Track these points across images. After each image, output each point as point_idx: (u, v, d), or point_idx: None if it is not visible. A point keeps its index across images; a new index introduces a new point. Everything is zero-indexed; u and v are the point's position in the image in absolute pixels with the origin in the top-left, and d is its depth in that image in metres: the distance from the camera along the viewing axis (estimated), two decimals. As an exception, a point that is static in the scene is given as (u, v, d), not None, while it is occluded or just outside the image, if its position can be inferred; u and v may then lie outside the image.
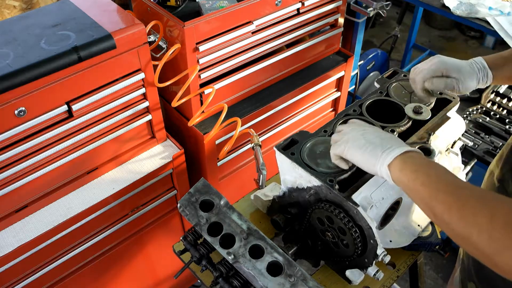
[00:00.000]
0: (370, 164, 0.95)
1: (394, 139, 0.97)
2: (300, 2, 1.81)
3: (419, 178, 0.85)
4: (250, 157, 2.04)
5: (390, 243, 1.21)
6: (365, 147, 0.96)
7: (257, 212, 1.43)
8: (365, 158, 0.96)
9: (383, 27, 4.57)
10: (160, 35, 1.62)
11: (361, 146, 0.97)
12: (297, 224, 1.24)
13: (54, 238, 1.47)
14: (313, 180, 1.11)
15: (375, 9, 2.32)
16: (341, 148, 1.01)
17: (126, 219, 1.68)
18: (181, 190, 1.81)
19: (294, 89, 1.97)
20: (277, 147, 1.18)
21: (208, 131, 1.74)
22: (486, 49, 4.24)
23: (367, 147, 0.96)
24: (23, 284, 1.48)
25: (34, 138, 1.36)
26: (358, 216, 1.05)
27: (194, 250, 1.15)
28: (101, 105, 1.46)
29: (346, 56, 2.16)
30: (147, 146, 1.72)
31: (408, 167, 0.88)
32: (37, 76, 1.25)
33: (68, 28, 1.40)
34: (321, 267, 1.28)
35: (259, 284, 1.00)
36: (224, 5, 1.64)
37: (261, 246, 1.05)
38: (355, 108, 1.29)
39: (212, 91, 1.62)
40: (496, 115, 2.41)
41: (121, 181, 1.61)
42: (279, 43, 1.86)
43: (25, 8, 2.23)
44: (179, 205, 1.15)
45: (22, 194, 1.45)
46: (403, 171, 0.89)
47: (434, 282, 2.47)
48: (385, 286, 1.24)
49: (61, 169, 1.49)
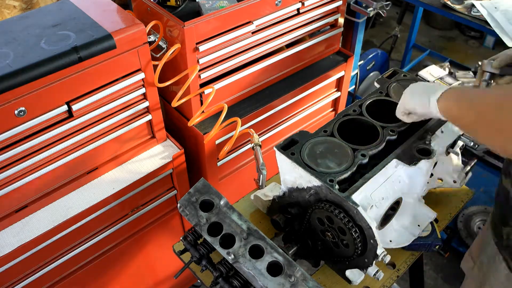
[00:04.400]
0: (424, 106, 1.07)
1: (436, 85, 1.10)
2: (300, 2, 1.81)
3: (463, 108, 0.97)
4: (250, 157, 2.04)
5: (390, 243, 1.21)
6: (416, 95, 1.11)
7: (257, 212, 1.43)
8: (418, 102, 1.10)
9: (383, 27, 4.57)
10: (160, 35, 1.62)
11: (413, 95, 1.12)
12: (297, 224, 1.24)
13: (54, 238, 1.47)
14: (313, 180, 1.11)
15: (375, 9, 2.32)
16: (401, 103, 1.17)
17: (126, 219, 1.68)
18: (181, 190, 1.81)
19: (294, 89, 1.97)
20: (277, 147, 1.18)
21: (208, 131, 1.74)
22: (486, 49, 4.24)
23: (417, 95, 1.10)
24: (23, 284, 1.48)
25: (34, 138, 1.36)
26: (358, 216, 1.05)
27: (194, 250, 1.15)
28: (101, 105, 1.46)
29: (346, 56, 2.16)
30: (147, 146, 1.72)
31: (453, 99, 1.01)
32: (37, 76, 1.25)
33: (68, 28, 1.40)
34: (321, 267, 1.28)
35: (259, 284, 1.00)
36: (224, 5, 1.64)
37: (261, 246, 1.05)
38: (355, 108, 1.29)
39: (212, 91, 1.62)
40: (496, 115, 2.41)
41: (121, 181, 1.61)
42: (279, 43, 1.86)
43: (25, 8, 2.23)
44: (179, 205, 1.15)
45: (22, 194, 1.45)
46: (448, 104, 1.01)
47: (434, 282, 2.47)
48: (385, 286, 1.24)
49: (61, 169, 1.49)
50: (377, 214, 1.13)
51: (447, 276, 2.49)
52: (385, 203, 1.14)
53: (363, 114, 1.27)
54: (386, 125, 1.23)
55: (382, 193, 1.13)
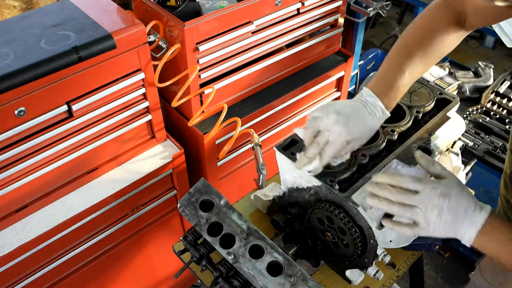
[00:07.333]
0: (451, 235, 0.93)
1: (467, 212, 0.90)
2: (300, 2, 1.81)
3: (503, 257, 0.90)
4: (250, 157, 2.04)
5: (390, 243, 1.21)
6: (446, 228, 0.91)
7: (257, 212, 1.43)
8: (443, 235, 0.92)
9: (383, 27, 4.57)
10: (160, 35, 1.62)
11: (442, 228, 0.91)
12: (297, 224, 1.24)
13: (54, 238, 1.47)
14: (313, 180, 1.11)
15: (375, 9, 2.32)
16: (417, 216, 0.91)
17: (126, 219, 1.68)
18: (181, 190, 1.81)
19: (294, 89, 1.97)
20: (277, 147, 1.18)
21: (208, 131, 1.74)
22: (486, 49, 4.24)
23: (448, 228, 0.90)
24: (23, 284, 1.48)
25: (34, 138, 1.36)
26: (358, 216, 1.05)
27: (194, 250, 1.15)
28: (101, 105, 1.46)
29: (346, 56, 2.16)
30: (147, 146, 1.72)
31: (488, 246, 0.90)
32: (37, 76, 1.25)
33: (68, 28, 1.40)
34: (321, 267, 1.28)
35: (259, 284, 1.00)
36: (224, 5, 1.64)
37: (261, 246, 1.05)
38: (355, 108, 1.29)
39: (212, 91, 1.62)
40: (496, 115, 2.41)
41: (121, 181, 1.61)
42: (279, 43, 1.86)
43: (25, 8, 2.23)
44: (179, 205, 1.15)
45: (22, 194, 1.45)
46: (484, 248, 0.91)
47: (434, 282, 2.47)
48: (385, 286, 1.24)
49: (61, 169, 1.49)
50: (377, 214, 1.13)
51: (447, 276, 2.49)
52: (385, 203, 1.14)
53: (363, 114, 1.27)
54: (386, 125, 1.23)
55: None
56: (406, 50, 1.11)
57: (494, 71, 2.76)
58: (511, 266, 0.90)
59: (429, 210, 0.89)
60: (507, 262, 0.89)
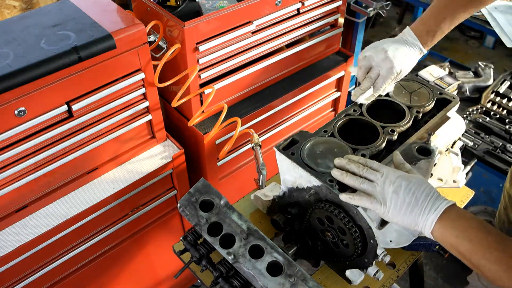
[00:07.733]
0: (410, 226, 0.97)
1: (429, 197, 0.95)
2: (300, 2, 1.81)
3: (462, 245, 0.90)
4: (250, 157, 2.04)
5: (390, 243, 1.21)
6: (404, 209, 0.95)
7: (257, 212, 1.43)
8: (404, 221, 0.97)
9: (383, 27, 4.57)
10: (160, 35, 1.62)
11: (399, 208, 0.96)
12: (297, 224, 1.24)
13: (54, 238, 1.47)
14: (313, 180, 1.11)
15: (375, 9, 2.32)
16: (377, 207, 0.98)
17: (126, 219, 1.68)
18: (181, 190, 1.81)
19: (294, 89, 1.97)
20: (277, 147, 1.18)
21: (208, 131, 1.74)
22: (486, 49, 4.24)
23: (406, 209, 0.95)
24: (23, 284, 1.48)
25: (34, 138, 1.36)
26: (358, 216, 1.05)
27: (194, 250, 1.15)
28: (101, 105, 1.46)
29: (346, 56, 2.16)
30: (147, 146, 1.72)
31: (449, 233, 0.92)
32: (37, 76, 1.25)
33: (68, 28, 1.39)
34: (321, 267, 1.28)
35: (259, 284, 1.00)
36: (224, 5, 1.64)
37: (261, 246, 1.05)
38: (355, 108, 1.29)
39: (212, 91, 1.62)
40: (496, 115, 2.41)
41: (121, 181, 1.61)
42: (279, 43, 1.86)
43: (25, 8, 2.23)
44: (179, 205, 1.15)
45: (22, 194, 1.45)
46: (445, 237, 0.93)
47: (434, 282, 2.47)
48: (385, 286, 1.24)
49: (61, 169, 1.49)
50: (377, 214, 1.13)
51: (447, 276, 2.49)
52: (385, 203, 1.14)
53: (363, 114, 1.27)
54: (386, 125, 1.23)
55: (382, 193, 1.13)
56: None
57: (494, 71, 2.76)
58: (470, 255, 0.89)
59: (386, 185, 0.96)
60: (467, 250, 0.89)
